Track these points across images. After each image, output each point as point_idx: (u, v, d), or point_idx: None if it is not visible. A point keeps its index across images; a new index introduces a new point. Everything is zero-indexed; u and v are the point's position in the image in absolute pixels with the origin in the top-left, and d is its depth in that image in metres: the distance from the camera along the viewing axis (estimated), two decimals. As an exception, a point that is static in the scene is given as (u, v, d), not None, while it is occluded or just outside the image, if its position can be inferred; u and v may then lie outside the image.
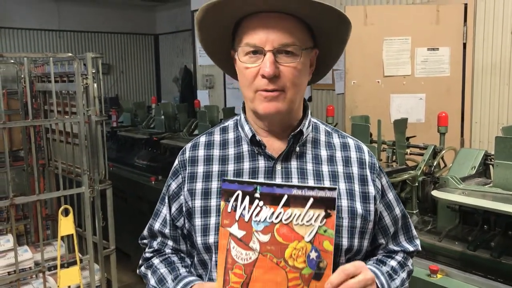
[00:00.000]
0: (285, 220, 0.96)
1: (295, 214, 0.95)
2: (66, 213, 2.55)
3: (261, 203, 0.96)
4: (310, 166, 1.14)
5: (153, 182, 3.96)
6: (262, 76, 1.05)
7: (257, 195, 0.97)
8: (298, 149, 1.15)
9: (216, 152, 1.19)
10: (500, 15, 3.73)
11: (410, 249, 1.25)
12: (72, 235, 2.57)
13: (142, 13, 10.12)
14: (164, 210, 1.24)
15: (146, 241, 1.30)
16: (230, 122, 1.24)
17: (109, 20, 9.67)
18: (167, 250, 1.24)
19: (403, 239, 1.26)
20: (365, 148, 1.22)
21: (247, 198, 0.97)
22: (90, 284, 2.75)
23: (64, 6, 9.09)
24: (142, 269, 1.26)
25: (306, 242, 0.95)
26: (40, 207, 2.95)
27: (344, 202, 1.12)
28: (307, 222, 0.95)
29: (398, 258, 1.22)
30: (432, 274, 1.92)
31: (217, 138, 1.22)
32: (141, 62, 10.48)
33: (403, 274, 1.20)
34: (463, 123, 3.91)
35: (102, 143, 2.85)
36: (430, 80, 3.85)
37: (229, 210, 0.97)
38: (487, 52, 3.82)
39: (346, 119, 3.87)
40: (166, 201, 1.23)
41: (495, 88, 3.81)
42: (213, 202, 1.13)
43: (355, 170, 1.16)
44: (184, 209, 1.18)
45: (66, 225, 2.52)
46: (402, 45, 3.83)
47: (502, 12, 3.72)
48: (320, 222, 0.95)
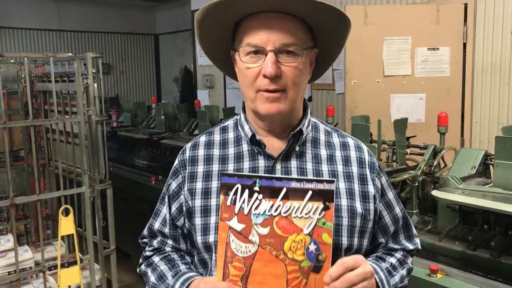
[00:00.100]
0: (284, 212, 0.96)
1: (294, 206, 0.96)
2: (66, 213, 2.55)
3: (260, 196, 0.97)
4: (310, 165, 1.15)
5: (153, 182, 3.96)
6: (264, 76, 1.06)
7: (256, 188, 0.97)
8: (298, 148, 1.15)
9: (216, 151, 1.19)
10: (500, 15, 3.73)
11: (410, 247, 1.25)
12: (72, 235, 2.57)
13: (142, 13, 10.12)
14: (164, 210, 1.24)
15: (146, 240, 1.30)
16: (230, 122, 1.25)
17: (109, 20, 9.67)
18: (167, 249, 1.25)
19: (403, 238, 1.26)
20: (364, 147, 1.22)
21: (247, 191, 0.97)
22: (90, 284, 2.75)
23: (64, 6, 9.09)
24: (142, 267, 1.27)
25: (305, 234, 0.96)
26: (40, 207, 2.95)
27: (343, 202, 1.12)
28: (306, 214, 0.96)
29: (398, 255, 1.23)
30: (432, 273, 1.92)
31: (217, 137, 1.22)
32: (141, 62, 10.48)
33: (403, 271, 1.20)
34: (463, 123, 3.91)
35: (103, 143, 2.85)
36: (430, 80, 3.85)
37: (228, 203, 0.98)
38: (487, 52, 3.82)
39: (346, 119, 3.87)
40: (166, 200, 1.23)
41: (495, 88, 3.81)
42: (213, 201, 1.13)
43: (355, 169, 1.17)
44: (184, 208, 1.18)
45: (67, 225, 2.52)
46: (402, 45, 3.83)
47: (502, 12, 3.72)
48: (318, 215, 0.96)
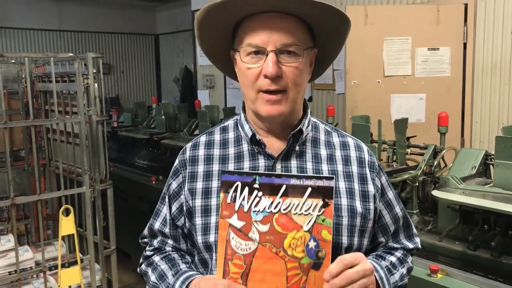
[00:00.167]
0: (283, 209, 0.96)
1: (294, 203, 0.96)
2: (67, 213, 2.56)
3: (260, 194, 0.97)
4: (309, 165, 1.15)
5: (153, 182, 3.96)
6: (265, 76, 1.06)
7: (256, 186, 0.97)
8: (297, 148, 1.15)
9: (216, 151, 1.19)
10: (500, 15, 3.73)
11: (410, 246, 1.25)
12: (72, 235, 2.58)
13: (142, 13, 10.13)
14: (164, 210, 1.24)
15: (146, 240, 1.30)
16: (230, 122, 1.25)
17: (109, 20, 9.67)
18: (168, 248, 1.25)
19: (403, 237, 1.26)
20: (364, 147, 1.22)
21: (247, 188, 0.98)
22: (91, 284, 2.76)
23: (64, 6, 9.09)
24: (143, 267, 1.27)
25: (305, 231, 0.96)
26: (41, 207, 2.95)
27: (343, 201, 1.12)
28: (306, 211, 0.96)
29: (398, 254, 1.23)
30: (432, 273, 1.92)
31: (217, 137, 1.22)
32: (141, 62, 10.48)
33: (403, 270, 1.20)
34: (464, 123, 3.91)
35: (103, 143, 2.85)
36: (431, 80, 3.85)
37: (228, 201, 0.98)
38: (488, 52, 3.82)
39: (346, 119, 3.87)
40: (167, 200, 1.24)
41: (496, 88, 3.81)
42: (213, 201, 1.13)
43: (355, 169, 1.17)
44: (184, 208, 1.18)
45: (67, 225, 2.53)
46: (402, 45, 3.83)
47: (502, 12, 3.71)
48: (318, 211, 0.96)
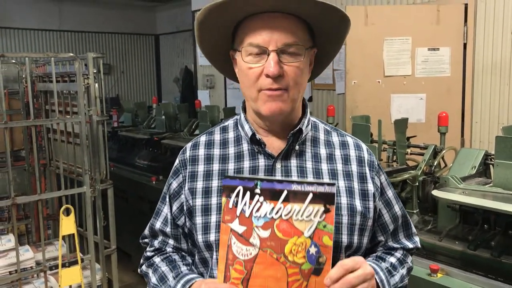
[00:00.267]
0: (285, 215, 0.96)
1: (295, 209, 0.96)
2: (67, 212, 2.56)
3: (261, 199, 0.97)
4: (309, 164, 1.15)
5: (154, 182, 3.96)
6: (266, 75, 1.06)
7: (257, 191, 0.97)
8: (297, 147, 1.15)
9: (216, 151, 1.20)
10: (500, 15, 3.73)
11: (409, 246, 1.26)
12: (73, 235, 2.58)
13: (143, 13, 10.13)
14: (165, 209, 1.24)
15: (147, 240, 1.31)
16: (230, 122, 1.25)
17: (109, 20, 9.68)
18: (168, 249, 1.25)
19: (403, 236, 1.26)
20: (364, 146, 1.23)
21: (248, 193, 0.97)
22: (91, 283, 2.76)
23: (64, 6, 9.10)
24: (143, 268, 1.27)
25: (306, 237, 0.96)
26: (41, 207, 2.95)
27: (343, 200, 1.12)
28: (307, 217, 0.96)
29: (398, 255, 1.23)
30: (432, 273, 1.93)
31: (217, 137, 1.22)
32: (141, 62, 10.49)
33: (403, 271, 1.20)
34: (464, 123, 3.91)
35: (103, 143, 2.85)
36: (431, 80, 3.85)
37: (230, 206, 0.98)
38: (488, 52, 3.82)
39: (346, 119, 3.87)
40: (167, 200, 1.24)
41: (496, 88, 3.81)
42: (213, 200, 1.14)
43: (354, 168, 1.17)
44: (185, 207, 1.18)
45: (67, 224, 2.53)
46: (402, 45, 3.83)
47: (502, 12, 3.72)
48: (319, 217, 0.96)
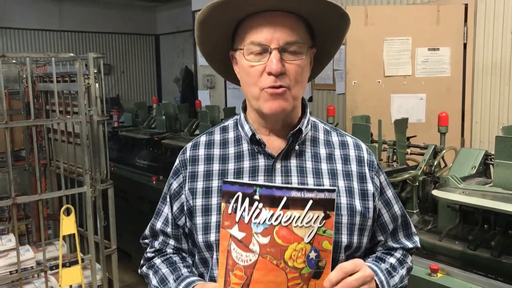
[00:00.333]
0: (284, 222, 0.95)
1: (295, 216, 0.95)
2: (67, 212, 2.56)
3: (260, 205, 0.95)
4: (309, 164, 1.15)
5: (154, 182, 3.96)
6: (269, 73, 1.06)
7: (256, 197, 0.96)
8: (297, 147, 1.15)
9: (216, 151, 1.20)
10: (500, 15, 3.73)
11: (409, 246, 1.26)
12: (73, 235, 2.58)
13: (143, 13, 10.13)
14: (165, 209, 1.24)
15: (147, 240, 1.31)
16: (230, 122, 1.25)
17: (109, 20, 9.68)
18: (169, 250, 1.25)
19: (402, 236, 1.26)
20: (363, 146, 1.23)
21: (247, 200, 0.96)
22: (92, 283, 2.76)
23: (64, 6, 9.10)
24: (144, 269, 1.27)
25: (306, 243, 0.95)
26: (41, 207, 2.95)
27: (343, 200, 1.13)
28: (307, 223, 0.95)
29: (397, 255, 1.23)
30: (432, 273, 1.93)
31: (217, 137, 1.22)
32: (142, 63, 10.49)
33: (402, 271, 1.20)
34: (464, 123, 3.91)
35: (104, 143, 2.85)
36: (431, 80, 3.85)
37: (229, 211, 0.97)
38: (488, 52, 3.82)
39: (346, 119, 3.87)
40: (168, 200, 1.24)
41: (496, 88, 3.82)
42: (213, 200, 1.14)
43: (354, 167, 1.17)
44: (185, 208, 1.19)
45: (68, 224, 2.53)
46: (402, 45, 3.83)
47: (502, 12, 3.72)
48: (319, 223, 0.95)
